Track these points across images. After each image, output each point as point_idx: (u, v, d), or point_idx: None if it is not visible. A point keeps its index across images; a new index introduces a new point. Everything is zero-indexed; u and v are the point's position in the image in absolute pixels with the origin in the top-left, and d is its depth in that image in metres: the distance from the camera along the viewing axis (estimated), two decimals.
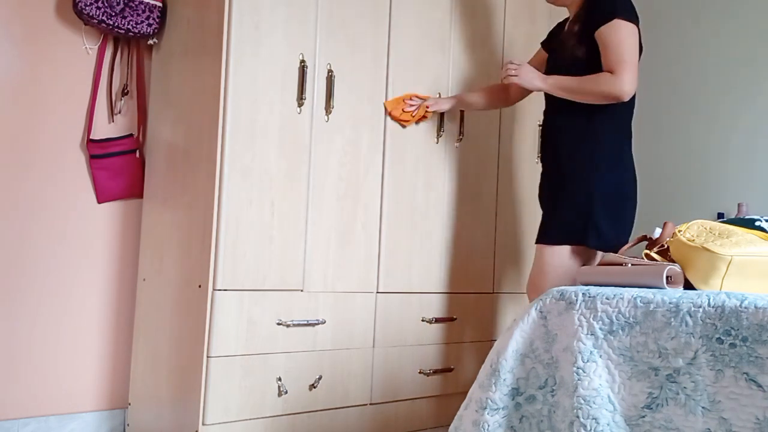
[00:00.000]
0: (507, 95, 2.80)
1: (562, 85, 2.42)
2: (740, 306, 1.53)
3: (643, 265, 1.87)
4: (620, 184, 2.46)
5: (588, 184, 2.39)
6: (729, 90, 3.43)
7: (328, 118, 2.50)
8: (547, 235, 2.45)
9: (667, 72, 3.63)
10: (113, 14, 2.40)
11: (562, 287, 1.83)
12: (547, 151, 2.56)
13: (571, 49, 2.46)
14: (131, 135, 2.56)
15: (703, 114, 3.50)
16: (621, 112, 2.48)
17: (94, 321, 2.51)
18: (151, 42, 2.54)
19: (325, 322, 2.48)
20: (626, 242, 2.32)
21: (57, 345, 2.43)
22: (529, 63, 2.57)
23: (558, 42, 2.59)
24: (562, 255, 2.39)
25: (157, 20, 2.49)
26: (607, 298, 1.71)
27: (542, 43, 2.75)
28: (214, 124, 2.28)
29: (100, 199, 2.50)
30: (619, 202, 2.45)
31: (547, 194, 2.56)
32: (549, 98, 2.54)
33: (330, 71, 2.50)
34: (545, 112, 2.59)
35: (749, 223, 1.94)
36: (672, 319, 1.60)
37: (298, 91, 2.42)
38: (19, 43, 2.37)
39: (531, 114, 3.23)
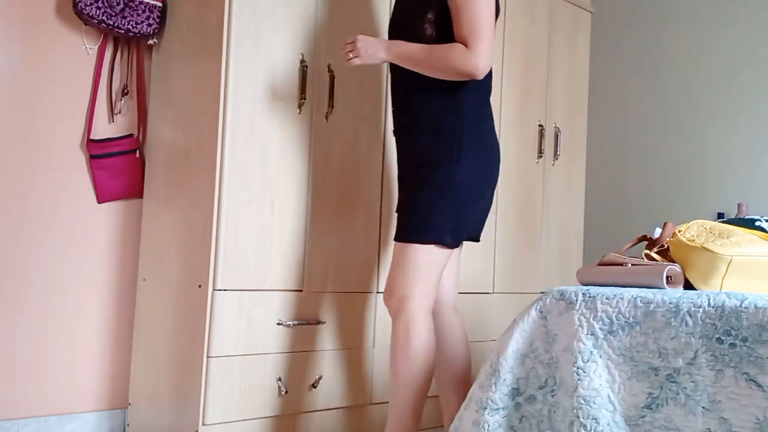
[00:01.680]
0: None
1: (408, 55, 2.09)
2: (740, 306, 1.53)
3: (643, 265, 1.87)
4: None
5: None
6: (729, 90, 3.43)
7: (327, 118, 2.50)
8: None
9: (668, 72, 3.64)
10: (113, 14, 2.40)
11: (562, 287, 1.83)
12: (395, 129, 2.26)
13: (416, 6, 2.14)
14: (131, 135, 2.56)
15: (704, 114, 3.50)
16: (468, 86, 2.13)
17: (94, 321, 2.51)
18: (151, 42, 2.54)
19: (325, 322, 2.48)
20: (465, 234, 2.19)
21: (57, 345, 2.43)
22: None
23: None
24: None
25: (157, 20, 2.49)
26: (607, 298, 1.71)
27: None
28: (214, 124, 2.28)
29: (100, 199, 2.50)
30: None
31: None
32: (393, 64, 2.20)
33: (330, 71, 2.50)
34: (390, 79, 2.27)
35: (749, 223, 1.94)
36: (672, 319, 1.60)
37: (298, 91, 2.42)
38: (19, 43, 2.37)
39: (531, 114, 3.23)
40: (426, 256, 2.08)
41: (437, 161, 2.10)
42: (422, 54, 2.07)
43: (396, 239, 2.13)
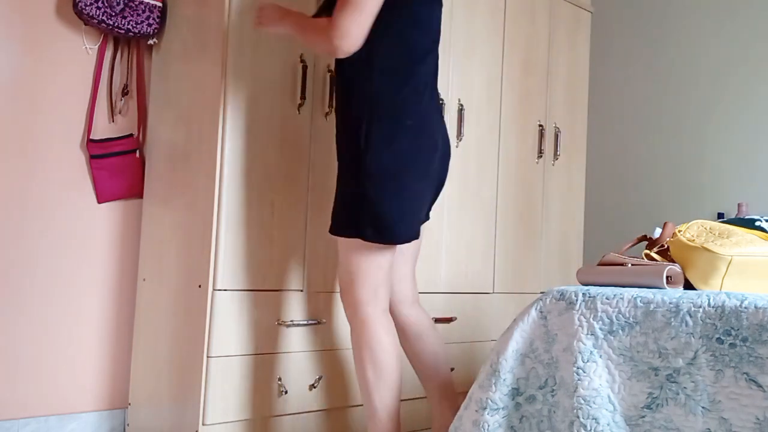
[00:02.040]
0: None
1: (296, 26, 2.01)
2: (740, 306, 1.53)
3: (643, 265, 1.87)
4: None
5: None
6: (729, 90, 3.43)
7: (327, 118, 2.50)
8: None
9: (668, 72, 3.64)
10: (113, 14, 2.41)
11: (562, 287, 1.83)
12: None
13: None
14: (131, 135, 2.56)
15: (704, 114, 3.50)
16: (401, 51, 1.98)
17: (94, 321, 2.51)
18: (151, 42, 2.54)
19: (325, 322, 2.48)
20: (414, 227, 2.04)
21: (57, 345, 2.43)
22: None
23: None
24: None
25: (157, 20, 2.49)
26: (607, 298, 1.71)
27: None
28: (214, 124, 2.28)
29: (100, 199, 2.50)
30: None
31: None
32: None
33: (330, 71, 2.49)
34: None
35: (749, 223, 1.94)
36: (672, 319, 1.60)
37: (298, 91, 2.42)
38: (20, 43, 2.37)
39: (531, 114, 3.23)
40: (360, 252, 1.98)
41: (348, 151, 2.00)
42: (303, 27, 1.99)
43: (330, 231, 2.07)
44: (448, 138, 2.17)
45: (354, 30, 1.84)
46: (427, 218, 2.20)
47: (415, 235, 2.05)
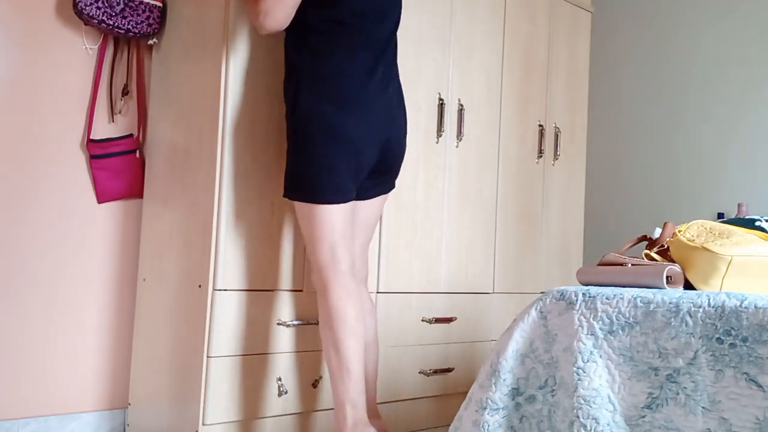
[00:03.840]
0: None
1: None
2: (740, 306, 1.53)
3: (643, 265, 1.87)
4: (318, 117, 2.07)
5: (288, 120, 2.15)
6: (729, 90, 3.43)
7: None
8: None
9: (668, 72, 3.64)
10: (113, 14, 2.40)
11: (562, 287, 1.83)
12: None
13: None
14: (131, 135, 2.56)
15: (704, 114, 3.50)
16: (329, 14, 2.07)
17: (94, 321, 2.51)
18: (151, 42, 2.54)
19: None
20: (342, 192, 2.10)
21: (57, 345, 2.43)
22: None
23: None
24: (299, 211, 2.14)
25: (157, 20, 2.49)
26: (607, 298, 1.71)
27: None
28: (214, 124, 2.28)
29: (100, 199, 2.50)
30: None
31: None
32: None
33: None
34: None
35: (749, 223, 1.94)
36: (672, 319, 1.60)
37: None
38: (20, 43, 2.37)
39: (531, 114, 3.23)
40: (310, 217, 2.06)
41: (285, 114, 2.15)
42: (247, 2, 2.06)
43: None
44: (399, 106, 2.23)
45: (276, 11, 1.96)
46: (388, 190, 2.31)
47: (342, 198, 2.08)
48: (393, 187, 2.35)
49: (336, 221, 2.06)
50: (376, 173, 2.21)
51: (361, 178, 2.15)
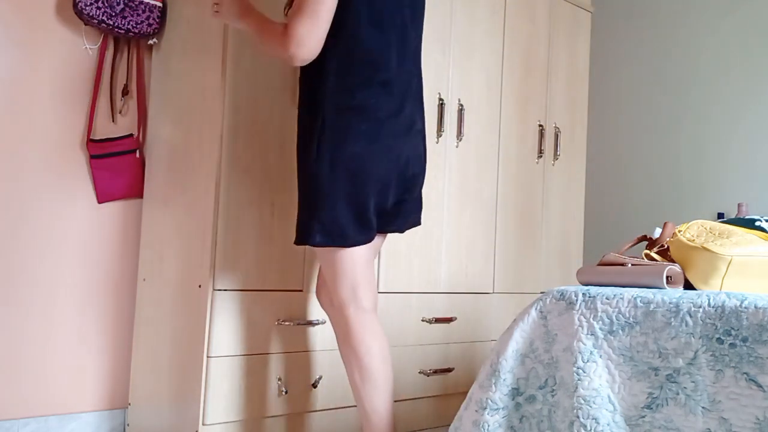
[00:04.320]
0: None
1: (254, 26, 1.93)
2: (740, 306, 1.53)
3: (643, 265, 1.87)
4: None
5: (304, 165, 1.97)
6: (729, 90, 3.43)
7: None
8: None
9: (668, 72, 3.64)
10: (113, 14, 2.41)
11: (562, 287, 1.83)
12: None
13: None
14: (131, 135, 2.56)
15: (704, 113, 3.50)
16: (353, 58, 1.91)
17: (94, 321, 2.51)
18: (151, 42, 2.54)
19: (325, 322, 2.48)
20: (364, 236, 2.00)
21: (57, 345, 2.43)
22: None
23: None
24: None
25: (157, 20, 2.49)
26: (607, 298, 1.71)
27: None
28: (214, 124, 2.28)
29: (100, 199, 2.50)
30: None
31: None
32: None
33: None
34: None
35: (749, 223, 1.94)
36: (672, 319, 1.60)
37: (299, 91, 2.42)
38: (20, 43, 2.37)
39: (531, 114, 3.23)
40: (331, 254, 1.98)
41: (299, 157, 1.99)
42: (261, 29, 1.90)
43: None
44: (421, 155, 2.10)
45: (310, 39, 1.79)
46: (404, 230, 2.17)
47: (357, 241, 1.98)
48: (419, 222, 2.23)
49: (358, 261, 1.99)
50: (398, 204, 2.09)
51: (384, 212, 2.05)
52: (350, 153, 1.90)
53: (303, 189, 1.99)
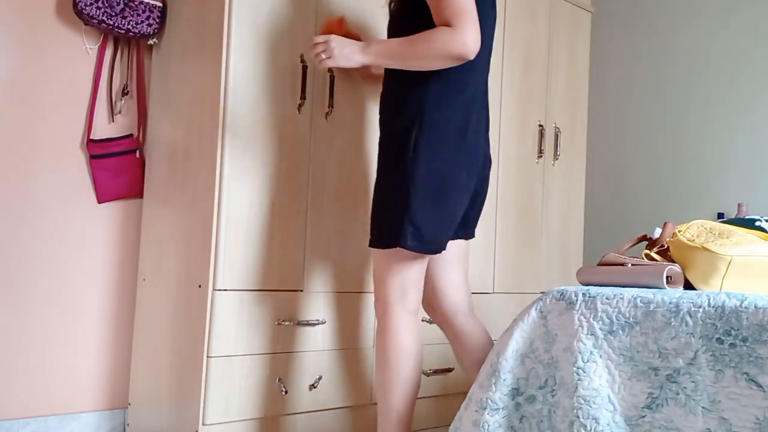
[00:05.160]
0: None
1: (388, 52, 1.95)
2: (740, 306, 1.53)
3: (643, 265, 1.87)
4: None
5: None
6: (729, 90, 3.43)
7: (327, 118, 2.50)
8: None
9: (668, 72, 3.64)
10: (113, 14, 2.41)
11: (562, 287, 1.83)
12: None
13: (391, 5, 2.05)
14: (131, 135, 2.56)
15: (704, 113, 3.50)
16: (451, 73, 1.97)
17: (94, 321, 2.51)
18: (151, 42, 2.54)
19: (325, 322, 2.48)
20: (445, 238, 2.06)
21: (57, 345, 2.43)
22: None
23: None
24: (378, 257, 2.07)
25: (157, 20, 2.49)
26: (607, 298, 1.71)
27: None
28: (214, 124, 2.28)
29: (100, 199, 2.50)
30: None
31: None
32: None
33: (330, 71, 2.49)
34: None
35: (749, 223, 1.94)
36: (672, 319, 1.60)
37: (298, 91, 2.42)
38: (20, 43, 2.37)
39: (531, 114, 3.23)
40: (397, 259, 2.00)
41: (393, 159, 2.00)
42: (404, 46, 1.91)
43: (369, 245, 2.08)
44: (490, 156, 2.24)
45: (476, 33, 1.84)
46: (472, 235, 2.26)
47: (440, 249, 2.04)
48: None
49: (418, 262, 2.03)
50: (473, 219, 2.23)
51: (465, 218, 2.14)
52: (444, 164, 1.96)
53: (390, 190, 2.00)
